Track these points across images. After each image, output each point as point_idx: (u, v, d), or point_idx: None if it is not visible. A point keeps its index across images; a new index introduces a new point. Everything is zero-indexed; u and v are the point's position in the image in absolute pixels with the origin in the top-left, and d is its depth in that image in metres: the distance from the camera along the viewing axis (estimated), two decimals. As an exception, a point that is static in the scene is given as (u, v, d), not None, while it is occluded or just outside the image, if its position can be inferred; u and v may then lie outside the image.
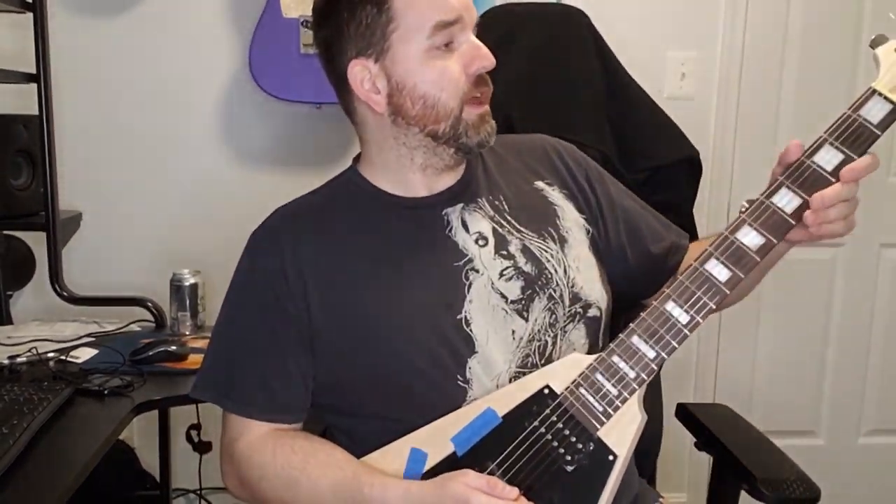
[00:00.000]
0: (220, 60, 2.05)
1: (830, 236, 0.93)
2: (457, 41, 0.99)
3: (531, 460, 0.92)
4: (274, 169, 2.11)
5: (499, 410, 0.94)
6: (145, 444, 2.06)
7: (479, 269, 1.02)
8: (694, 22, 2.15)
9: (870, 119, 0.88)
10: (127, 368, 1.48)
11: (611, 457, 0.90)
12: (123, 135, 2.06)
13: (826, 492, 2.51)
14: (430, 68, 0.99)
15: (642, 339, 0.92)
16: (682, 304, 0.91)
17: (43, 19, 1.78)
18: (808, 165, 0.90)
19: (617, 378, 0.91)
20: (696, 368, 2.33)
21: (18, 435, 1.12)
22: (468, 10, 1.00)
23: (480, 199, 1.07)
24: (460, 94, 0.99)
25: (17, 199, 1.86)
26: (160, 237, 2.10)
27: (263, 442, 1.02)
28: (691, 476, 2.32)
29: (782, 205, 0.91)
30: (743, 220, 0.91)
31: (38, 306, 2.01)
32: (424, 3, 0.98)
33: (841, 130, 0.89)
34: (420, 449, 0.96)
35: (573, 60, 1.50)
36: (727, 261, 0.91)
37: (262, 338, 1.03)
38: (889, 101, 0.87)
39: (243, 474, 1.03)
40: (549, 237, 1.07)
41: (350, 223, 1.06)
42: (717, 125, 2.19)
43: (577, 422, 0.91)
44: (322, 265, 1.02)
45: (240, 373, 1.05)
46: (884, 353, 2.37)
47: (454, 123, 1.00)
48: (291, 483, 0.98)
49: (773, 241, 0.90)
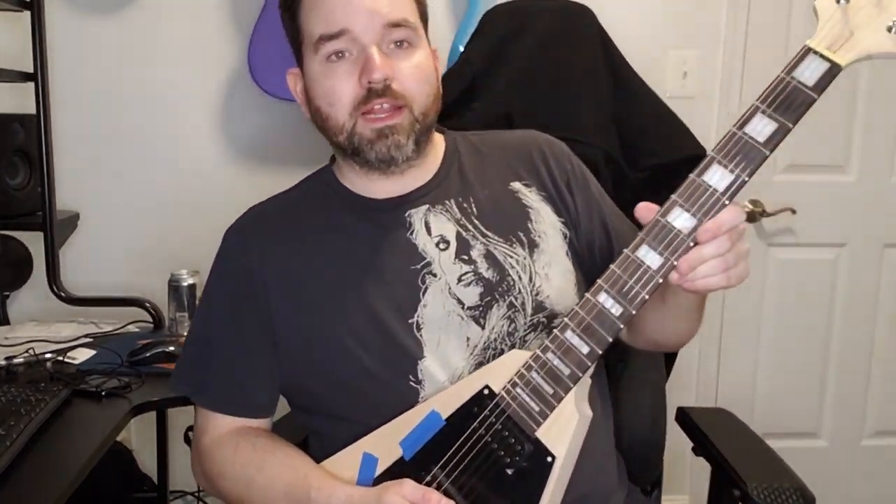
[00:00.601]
0: (220, 60, 2.04)
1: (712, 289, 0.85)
2: (348, 53, 0.97)
3: (472, 463, 0.91)
4: (273, 169, 2.09)
5: (443, 412, 0.93)
6: (143, 445, 2.05)
7: (437, 273, 1.01)
8: (696, 21, 2.14)
9: (804, 81, 0.79)
10: (124, 369, 1.48)
11: (549, 458, 0.87)
12: (121, 135, 2.05)
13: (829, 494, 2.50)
14: (323, 82, 1.00)
15: (576, 334, 0.87)
16: (615, 295, 0.85)
17: (40, 18, 1.77)
18: (741, 137, 0.82)
19: (552, 376, 0.87)
20: (698, 371, 2.32)
21: (15, 436, 1.12)
22: (365, 19, 0.96)
23: (448, 201, 1.06)
24: (348, 109, 0.98)
25: (14, 198, 1.85)
26: (158, 237, 2.08)
27: (227, 438, 1.05)
28: (694, 479, 2.31)
29: (713, 182, 0.82)
30: (673, 202, 0.83)
31: (36, 307, 1.99)
32: (312, 16, 0.98)
33: (774, 96, 0.80)
34: (371, 454, 0.96)
35: (578, 58, 1.49)
36: (658, 245, 0.83)
37: (230, 336, 1.06)
38: (825, 59, 0.78)
39: (206, 469, 1.07)
40: (518, 242, 1.05)
41: (317, 224, 1.07)
42: (718, 124, 2.18)
43: (514, 422, 0.89)
44: (286, 267, 1.04)
45: (210, 369, 1.07)
46: (887, 355, 2.36)
47: (349, 137, 1.00)
48: (248, 481, 1.00)
49: (704, 221, 0.82)
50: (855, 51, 0.79)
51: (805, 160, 2.23)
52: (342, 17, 0.95)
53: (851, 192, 2.26)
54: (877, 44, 0.78)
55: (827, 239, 2.29)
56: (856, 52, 0.79)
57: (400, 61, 0.98)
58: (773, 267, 2.29)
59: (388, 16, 0.96)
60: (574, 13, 1.53)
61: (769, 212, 2.22)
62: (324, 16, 0.96)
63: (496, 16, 1.55)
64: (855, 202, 2.27)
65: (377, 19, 0.96)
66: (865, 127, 2.23)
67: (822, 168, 2.25)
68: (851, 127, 2.23)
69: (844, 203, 2.26)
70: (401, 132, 0.98)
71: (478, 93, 1.51)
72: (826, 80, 0.79)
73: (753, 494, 1.08)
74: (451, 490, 0.91)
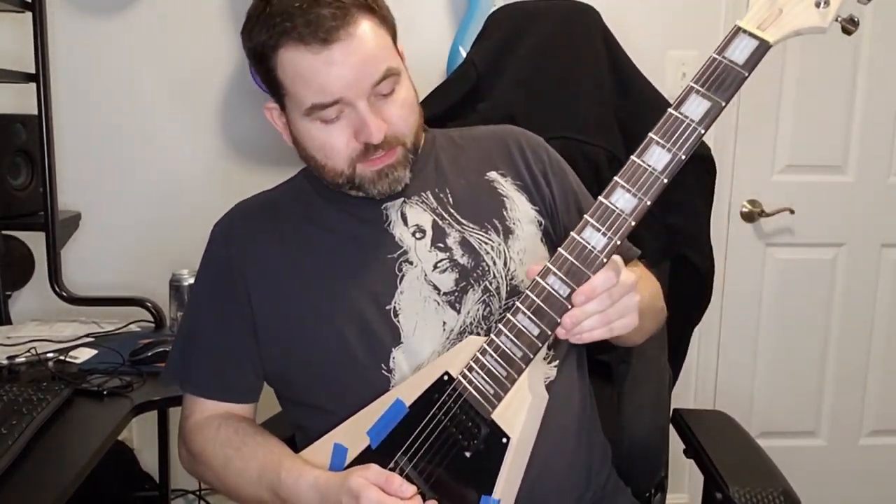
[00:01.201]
0: (220, 60, 2.05)
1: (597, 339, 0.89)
2: (342, 115, 0.98)
3: (432, 447, 0.93)
4: (274, 169, 2.09)
5: (406, 400, 0.96)
6: (144, 444, 2.06)
7: (413, 261, 1.05)
8: (694, 21, 2.15)
9: (735, 59, 0.82)
10: (126, 369, 1.48)
11: (504, 439, 0.90)
12: (122, 135, 2.05)
13: (827, 493, 2.52)
14: (314, 135, 1.01)
15: (526, 317, 0.89)
16: (563, 277, 0.87)
17: (42, 19, 1.78)
18: (676, 117, 0.84)
19: (505, 358, 0.90)
20: (696, 371, 2.32)
21: (17, 435, 1.12)
22: (355, 85, 0.95)
23: (425, 193, 1.09)
24: (347, 160, 1.00)
25: (16, 199, 1.85)
26: (159, 237, 2.09)
27: (211, 420, 1.08)
28: (692, 477, 2.32)
29: (652, 162, 0.85)
30: (616, 184, 0.86)
31: (37, 306, 2.00)
32: (301, 83, 0.97)
33: (707, 76, 0.83)
34: (341, 444, 0.99)
35: (581, 58, 1.49)
36: (602, 226, 0.86)
37: (211, 324, 1.10)
38: (755, 37, 0.81)
39: (188, 447, 1.10)
40: (493, 229, 1.08)
41: (296, 217, 1.10)
42: (716, 125, 2.17)
43: (470, 406, 0.92)
44: (267, 260, 1.07)
45: (194, 357, 1.11)
46: (885, 354, 2.37)
47: (349, 179, 1.02)
48: (226, 460, 1.04)
49: (645, 200, 0.84)
50: (784, 28, 0.81)
51: (803, 160, 2.24)
52: (335, 87, 0.95)
53: (850, 192, 2.27)
54: (804, 20, 0.81)
55: (825, 239, 2.30)
56: (785, 29, 0.81)
57: (388, 107, 1.00)
58: (772, 267, 2.30)
59: (374, 75, 0.97)
60: (578, 13, 1.52)
61: (767, 212, 2.22)
62: (316, 87, 0.96)
63: (500, 17, 1.55)
64: (853, 202, 2.27)
65: (367, 82, 0.96)
66: (864, 127, 2.23)
67: (821, 168, 2.26)
68: (850, 127, 2.24)
69: (843, 203, 2.27)
70: (398, 167, 1.02)
71: (482, 94, 1.51)
72: (756, 57, 0.82)
73: (735, 497, 1.08)
74: (413, 475, 0.94)
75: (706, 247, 1.55)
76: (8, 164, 1.83)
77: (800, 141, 2.21)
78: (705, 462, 1.21)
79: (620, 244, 0.86)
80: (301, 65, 0.95)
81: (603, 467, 1.14)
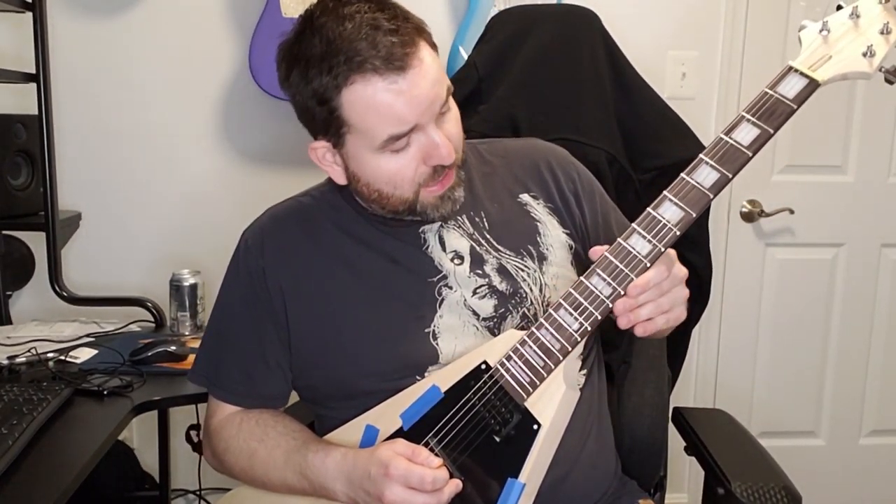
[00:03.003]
0: (220, 60, 2.05)
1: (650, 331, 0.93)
2: (411, 142, 0.97)
3: (463, 430, 0.96)
4: (273, 169, 2.10)
5: (442, 387, 0.99)
6: (145, 444, 2.06)
7: (453, 285, 1.06)
8: (695, 22, 2.15)
9: (785, 94, 0.90)
10: (126, 369, 1.48)
11: (535, 426, 0.93)
12: (123, 135, 2.06)
13: (826, 492, 2.52)
14: (384, 167, 0.99)
15: (568, 312, 0.94)
16: (606, 278, 0.93)
17: (42, 19, 1.78)
18: (727, 142, 0.92)
19: (544, 350, 0.94)
20: (696, 370, 2.33)
21: (18, 435, 1.12)
22: (428, 109, 0.96)
23: (461, 217, 1.09)
24: (416, 188, 1.00)
25: (17, 199, 1.86)
26: (160, 237, 2.09)
27: (232, 417, 1.09)
28: (692, 476, 2.32)
29: (700, 180, 0.92)
30: (664, 197, 0.93)
31: (38, 306, 2.00)
32: (375, 117, 0.95)
33: (758, 107, 0.91)
34: (373, 425, 1.02)
35: (581, 61, 1.49)
36: (648, 234, 0.93)
37: (244, 330, 1.09)
38: (805, 76, 0.90)
39: (213, 447, 1.11)
40: (528, 255, 1.09)
41: (332, 233, 1.09)
42: (717, 125, 2.18)
43: (505, 392, 0.95)
44: (302, 270, 1.07)
45: (224, 362, 1.11)
46: (884, 354, 2.37)
47: (411, 206, 1.02)
48: (251, 452, 1.05)
49: (691, 213, 0.91)
50: (832, 70, 0.90)
51: (803, 160, 2.24)
52: (412, 115, 0.94)
53: (849, 192, 2.27)
54: (852, 65, 0.90)
55: (825, 239, 2.30)
56: (833, 70, 0.90)
57: (448, 126, 1.00)
58: (772, 267, 2.30)
59: (442, 95, 0.97)
60: (579, 17, 1.53)
61: (767, 212, 2.22)
62: (393, 118, 0.94)
63: (502, 21, 1.56)
64: (853, 202, 2.27)
65: (437, 104, 0.97)
66: (863, 128, 2.23)
67: (821, 168, 2.26)
68: (850, 128, 2.24)
69: (842, 203, 2.27)
70: (457, 188, 1.03)
71: (483, 96, 1.52)
72: (805, 93, 0.90)
73: (737, 493, 1.09)
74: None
75: (705, 248, 1.55)
76: (8, 164, 1.83)
77: (800, 141, 2.21)
78: (706, 458, 1.22)
79: (664, 250, 0.91)
80: (376, 98, 0.93)
81: (618, 468, 1.18)
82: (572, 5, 1.57)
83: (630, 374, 1.35)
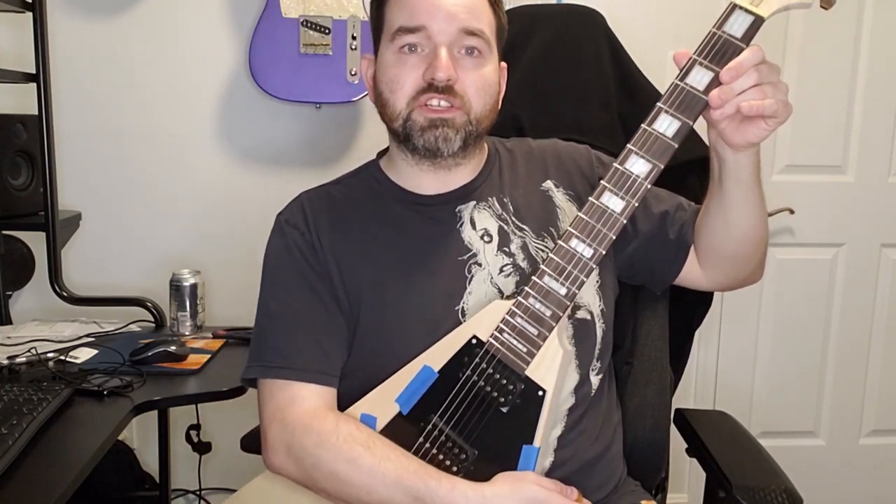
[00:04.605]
0: (220, 60, 2.05)
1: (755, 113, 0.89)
2: (421, 49, 1.03)
3: (468, 407, 0.98)
4: (273, 169, 2.10)
5: (434, 366, 1.00)
6: (145, 444, 2.06)
7: (482, 263, 1.08)
8: (695, 22, 2.14)
9: (733, 33, 0.90)
10: (126, 369, 1.48)
11: (540, 392, 0.96)
12: (123, 135, 2.06)
13: (826, 492, 2.51)
14: (391, 69, 1.05)
15: (553, 278, 0.95)
16: (585, 239, 0.94)
17: (42, 19, 1.78)
18: (682, 88, 0.91)
19: (535, 318, 0.96)
20: (697, 371, 2.33)
21: (18, 435, 1.12)
22: (443, 20, 1.01)
23: (491, 199, 1.13)
24: (407, 98, 1.04)
25: (17, 199, 1.86)
26: (160, 237, 2.09)
27: (325, 412, 1.02)
28: (693, 479, 2.32)
29: (663, 129, 0.92)
30: (629, 150, 0.93)
31: (38, 306, 2.00)
32: (398, 7, 1.04)
33: (707, 49, 0.91)
34: (369, 414, 1.02)
35: (586, 60, 1.49)
36: (618, 191, 0.93)
37: (306, 301, 1.07)
38: (749, 13, 0.90)
39: (297, 441, 1.00)
40: (549, 237, 1.12)
41: (366, 213, 1.12)
42: (717, 125, 2.18)
43: (504, 365, 0.97)
44: (340, 251, 1.08)
45: (293, 342, 1.06)
46: (884, 354, 2.37)
47: (403, 124, 1.05)
48: (354, 456, 0.97)
49: (658, 164, 0.92)
50: (775, 3, 0.89)
51: (803, 160, 2.24)
52: (423, 14, 1.01)
53: (849, 192, 2.27)
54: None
55: (825, 239, 2.30)
56: (775, 4, 0.90)
57: (467, 68, 1.04)
58: (772, 267, 2.30)
59: (465, 22, 1.02)
60: (583, 16, 1.53)
61: (767, 212, 2.22)
62: (407, 10, 1.02)
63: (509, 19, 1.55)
64: (853, 202, 2.27)
65: (455, 23, 1.02)
66: (863, 127, 2.23)
67: (820, 168, 2.26)
68: (850, 127, 2.24)
69: (842, 203, 2.27)
70: (451, 127, 1.04)
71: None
72: (752, 31, 0.90)
73: (738, 495, 1.09)
74: (452, 434, 0.98)
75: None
76: (8, 165, 1.83)
77: (799, 141, 2.21)
78: (708, 460, 1.22)
79: (637, 206, 0.92)
80: None
81: (624, 471, 1.20)
82: (576, 4, 1.57)
83: (632, 376, 1.35)
